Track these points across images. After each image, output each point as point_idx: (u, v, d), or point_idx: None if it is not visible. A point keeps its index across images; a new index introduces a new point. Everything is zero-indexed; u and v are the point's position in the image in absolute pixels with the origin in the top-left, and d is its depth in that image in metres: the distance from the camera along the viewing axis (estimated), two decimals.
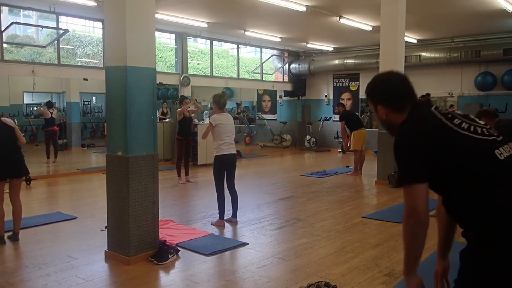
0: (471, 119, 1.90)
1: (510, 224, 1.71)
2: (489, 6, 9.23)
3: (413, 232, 1.83)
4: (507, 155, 1.82)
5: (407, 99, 2.03)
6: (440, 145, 1.80)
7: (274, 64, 17.39)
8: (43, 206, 7.50)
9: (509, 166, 1.80)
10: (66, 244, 5.32)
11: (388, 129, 2.12)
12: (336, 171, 11.11)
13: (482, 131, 1.85)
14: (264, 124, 17.80)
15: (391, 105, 2.04)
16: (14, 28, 16.35)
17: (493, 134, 1.86)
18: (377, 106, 2.09)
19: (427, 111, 1.94)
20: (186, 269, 4.56)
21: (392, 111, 2.04)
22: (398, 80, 2.08)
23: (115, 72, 4.64)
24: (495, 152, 1.80)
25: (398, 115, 2.02)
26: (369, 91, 2.15)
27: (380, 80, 2.12)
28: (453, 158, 1.78)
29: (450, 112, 1.93)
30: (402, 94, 2.04)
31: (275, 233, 5.83)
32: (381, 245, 5.24)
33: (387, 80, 2.10)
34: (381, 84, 2.11)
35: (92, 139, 18.62)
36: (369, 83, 2.15)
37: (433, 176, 1.83)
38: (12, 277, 4.31)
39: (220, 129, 6.07)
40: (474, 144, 1.80)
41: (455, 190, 1.81)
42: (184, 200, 8.05)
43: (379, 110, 2.08)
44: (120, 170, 4.65)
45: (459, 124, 1.85)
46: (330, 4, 9.55)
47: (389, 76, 2.11)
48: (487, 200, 1.74)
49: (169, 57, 18.35)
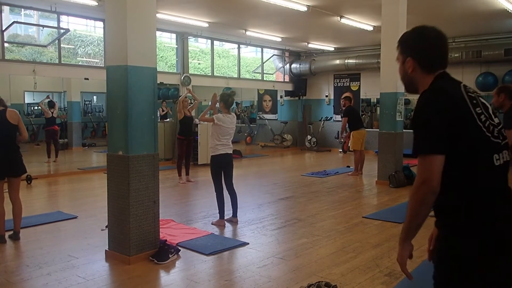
0: (489, 113, 1.87)
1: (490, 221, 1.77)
2: (490, 7, 9.22)
3: (423, 199, 1.80)
4: (501, 162, 1.84)
5: (440, 62, 1.96)
6: (456, 126, 1.78)
7: (275, 64, 17.39)
8: (44, 205, 7.51)
9: (500, 173, 1.85)
10: (67, 244, 5.33)
11: (407, 85, 2.05)
12: (337, 171, 11.11)
13: (494, 130, 1.85)
14: (265, 124, 17.81)
15: (422, 62, 1.96)
16: (15, 27, 16.36)
17: (499, 137, 1.87)
18: (407, 58, 1.99)
19: (457, 86, 1.89)
20: (187, 269, 4.56)
21: (420, 68, 1.96)
22: (439, 38, 1.97)
23: (116, 71, 4.64)
24: (493, 157, 1.82)
25: (424, 75, 1.95)
26: (404, 39, 2.04)
27: (420, 32, 2.00)
28: (460, 145, 1.78)
29: (475, 97, 1.87)
30: (437, 54, 1.96)
31: (276, 233, 5.83)
32: (381, 245, 5.24)
33: (428, 34, 1.97)
34: (420, 36, 1.99)
35: (92, 138, 18.66)
36: (407, 32, 2.03)
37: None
38: (13, 276, 4.31)
39: (220, 130, 6.05)
40: (481, 141, 1.81)
41: (449, 172, 1.80)
42: (185, 200, 8.06)
43: (407, 63, 1.99)
44: (120, 170, 4.65)
45: (479, 114, 1.82)
46: (331, 4, 9.56)
47: (431, 31, 1.98)
48: (474, 189, 1.79)
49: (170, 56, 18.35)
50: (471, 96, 1.86)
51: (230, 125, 6.13)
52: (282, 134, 17.11)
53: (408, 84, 2.03)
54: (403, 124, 9.49)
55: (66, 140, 15.48)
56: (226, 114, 6.11)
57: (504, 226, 1.79)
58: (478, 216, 1.78)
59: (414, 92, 2.04)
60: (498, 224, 1.78)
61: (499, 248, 1.77)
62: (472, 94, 1.88)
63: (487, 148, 1.82)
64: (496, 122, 1.88)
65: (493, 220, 1.78)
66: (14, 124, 5.31)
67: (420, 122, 1.82)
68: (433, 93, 1.85)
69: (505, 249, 1.77)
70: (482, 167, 1.81)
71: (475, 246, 1.76)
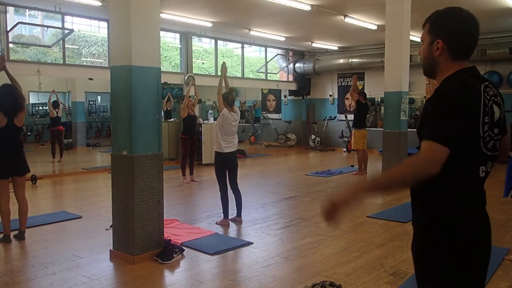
0: (493, 122, 1.81)
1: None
2: (495, 5, 9.18)
3: (416, 173, 1.69)
4: (485, 174, 1.83)
5: (469, 52, 1.87)
6: (463, 130, 1.73)
7: (279, 63, 17.38)
8: (49, 205, 7.54)
9: (481, 184, 1.86)
10: (72, 243, 5.35)
11: (427, 67, 1.94)
12: (341, 170, 11.09)
13: (489, 142, 1.80)
14: (269, 124, 17.80)
15: (452, 47, 1.84)
16: (19, 28, 16.41)
17: (492, 149, 1.82)
18: (436, 39, 1.86)
19: (478, 88, 1.78)
20: (191, 268, 4.57)
21: (448, 53, 1.85)
22: (473, 26, 1.85)
23: (120, 71, 4.65)
24: (480, 168, 1.80)
25: (449, 61, 1.86)
26: (436, 18, 1.89)
27: (456, 15, 1.86)
28: (456, 146, 1.73)
29: (490, 105, 1.79)
30: (469, 43, 1.86)
31: (280, 232, 5.83)
32: (386, 245, 5.23)
33: (464, 19, 1.84)
34: (455, 20, 1.85)
35: (97, 138, 18.69)
36: (440, 11, 1.88)
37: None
38: (18, 275, 4.33)
39: (223, 125, 6.03)
40: (475, 150, 1.78)
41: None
42: (189, 200, 8.06)
43: (436, 44, 1.86)
44: (125, 170, 4.66)
45: (484, 124, 1.76)
46: (335, 3, 9.53)
47: (467, 16, 1.85)
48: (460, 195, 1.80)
49: (174, 56, 18.39)
50: (486, 102, 1.77)
51: (232, 122, 6.12)
52: (286, 133, 17.10)
53: (428, 66, 1.93)
54: (407, 123, 9.46)
55: (70, 140, 15.53)
56: (231, 112, 6.11)
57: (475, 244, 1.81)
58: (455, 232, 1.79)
59: (431, 76, 1.95)
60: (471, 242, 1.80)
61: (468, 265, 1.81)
62: (488, 98, 1.79)
63: (477, 159, 1.78)
64: (495, 132, 1.82)
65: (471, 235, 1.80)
66: (18, 126, 5.34)
67: (439, 107, 1.74)
68: (462, 84, 1.76)
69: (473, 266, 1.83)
70: (468, 178, 1.80)
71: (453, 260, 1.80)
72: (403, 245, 5.12)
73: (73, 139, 15.78)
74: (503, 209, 6.89)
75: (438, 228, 1.83)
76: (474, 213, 1.83)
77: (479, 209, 1.87)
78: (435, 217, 1.84)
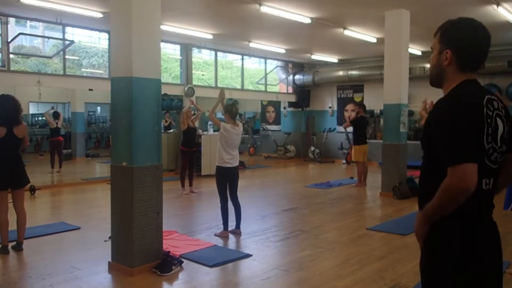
0: (497, 135, 1.80)
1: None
2: (493, 18, 9.24)
3: (452, 198, 1.70)
4: (490, 187, 1.82)
5: (477, 64, 1.85)
6: (477, 139, 1.73)
7: (279, 75, 17.45)
8: (47, 216, 7.51)
9: (485, 197, 1.84)
10: (70, 255, 5.31)
11: (434, 76, 1.92)
12: (341, 182, 11.08)
13: (492, 154, 1.80)
14: (268, 135, 17.81)
15: (461, 58, 1.82)
16: (20, 39, 16.50)
17: (495, 163, 1.82)
18: (446, 49, 1.84)
19: (481, 99, 1.76)
20: (190, 281, 4.53)
21: (457, 63, 1.83)
22: (484, 38, 1.82)
23: (121, 82, 4.66)
24: (482, 181, 1.79)
25: (457, 72, 1.83)
26: (447, 28, 1.86)
27: (467, 26, 1.83)
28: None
29: (492, 116, 1.77)
30: (478, 55, 1.83)
31: (279, 244, 5.80)
32: (386, 258, 5.20)
33: (475, 31, 1.82)
34: (466, 31, 1.82)
35: (96, 149, 18.70)
36: (452, 20, 1.85)
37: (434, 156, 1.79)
38: (16, 287, 4.29)
39: (226, 140, 6.02)
40: (480, 166, 1.76)
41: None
42: (188, 211, 8.04)
43: (445, 54, 1.84)
44: (124, 181, 4.65)
45: (487, 136, 1.75)
46: (335, 16, 9.60)
47: (479, 28, 1.82)
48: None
49: (174, 67, 18.47)
50: (489, 113, 1.76)
51: (235, 136, 6.10)
52: (286, 145, 17.11)
53: (436, 76, 1.91)
54: (406, 136, 9.47)
55: (69, 151, 15.54)
56: (233, 126, 6.09)
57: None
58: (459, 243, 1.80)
59: (437, 86, 1.94)
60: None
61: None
62: (491, 110, 1.78)
63: (480, 171, 1.76)
64: (499, 145, 1.81)
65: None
66: (19, 138, 5.34)
67: (447, 125, 1.71)
68: (459, 103, 1.75)
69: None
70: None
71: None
72: (403, 258, 5.09)
73: (72, 150, 15.79)
74: (503, 221, 6.85)
75: (439, 240, 1.83)
76: (475, 226, 1.82)
77: (482, 223, 1.86)
78: (437, 229, 1.84)
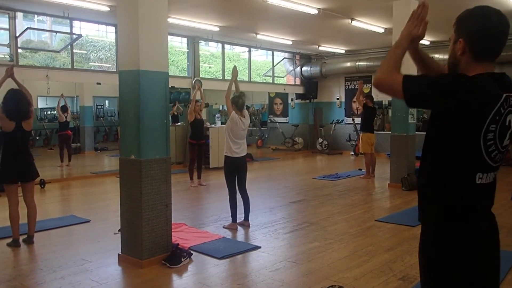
0: (504, 133, 1.76)
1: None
2: (502, 7, 9.10)
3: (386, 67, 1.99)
4: (484, 181, 1.79)
5: (493, 53, 1.80)
6: (474, 129, 1.71)
7: (286, 67, 17.38)
8: (57, 209, 7.58)
9: (482, 192, 1.81)
10: (80, 247, 5.37)
11: (451, 65, 1.89)
12: (349, 174, 11.05)
13: (492, 152, 1.77)
14: (276, 127, 17.79)
15: (473, 47, 1.78)
16: (28, 33, 16.56)
17: (494, 160, 1.79)
18: (459, 38, 1.81)
19: (495, 92, 1.71)
20: (199, 273, 4.56)
21: (470, 53, 1.78)
22: (500, 25, 1.77)
23: (128, 76, 4.67)
24: (475, 174, 1.77)
25: (471, 62, 1.79)
26: (461, 17, 1.85)
27: (480, 14, 1.80)
28: (469, 145, 1.74)
29: (505, 114, 1.73)
30: (492, 43, 1.79)
31: (288, 236, 5.82)
32: (394, 249, 5.20)
33: (488, 19, 1.77)
34: (479, 19, 1.79)
35: (105, 142, 18.80)
36: (468, 10, 1.84)
37: (447, 130, 1.77)
38: (27, 280, 4.35)
39: (232, 129, 6.04)
40: (472, 155, 1.76)
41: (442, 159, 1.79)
42: (197, 203, 8.07)
43: (458, 44, 1.81)
44: (133, 174, 4.67)
45: (490, 131, 1.72)
46: (342, 6, 9.52)
47: (494, 15, 1.78)
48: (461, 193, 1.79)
49: (181, 60, 18.44)
50: (500, 110, 1.71)
51: (242, 126, 6.12)
52: (293, 137, 17.08)
53: (452, 66, 1.87)
54: (415, 127, 9.41)
55: (78, 144, 15.63)
56: (240, 117, 6.10)
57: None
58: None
59: None
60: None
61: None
62: (504, 108, 1.72)
63: (474, 164, 1.75)
64: (503, 145, 1.78)
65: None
66: (28, 131, 5.37)
67: (435, 80, 1.78)
68: (478, 81, 1.71)
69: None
70: (460, 182, 1.78)
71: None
72: (412, 249, 5.08)
73: (81, 144, 15.88)
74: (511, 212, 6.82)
75: (436, 239, 1.84)
76: (468, 218, 1.80)
77: (476, 216, 1.82)
78: (433, 227, 1.87)
